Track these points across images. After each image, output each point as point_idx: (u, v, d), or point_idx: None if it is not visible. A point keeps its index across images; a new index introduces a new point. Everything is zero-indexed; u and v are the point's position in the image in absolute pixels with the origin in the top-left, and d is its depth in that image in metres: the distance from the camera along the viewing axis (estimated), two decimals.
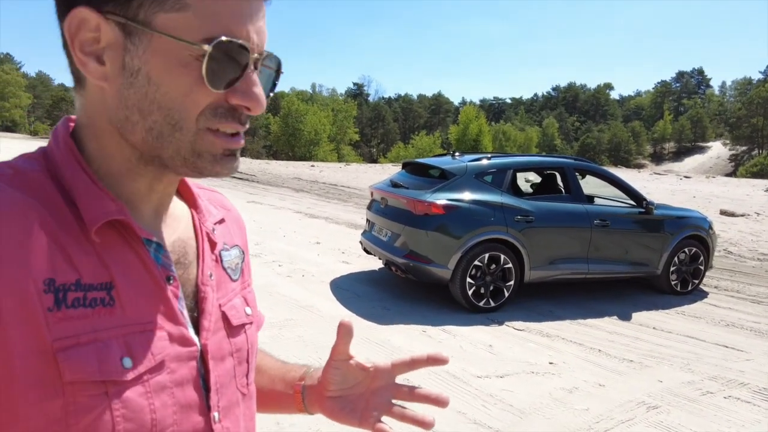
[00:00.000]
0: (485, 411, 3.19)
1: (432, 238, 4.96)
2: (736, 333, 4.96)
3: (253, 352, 0.71)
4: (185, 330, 0.59)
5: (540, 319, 5.02)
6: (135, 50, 0.52)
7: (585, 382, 3.70)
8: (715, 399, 3.56)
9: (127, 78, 0.53)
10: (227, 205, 0.79)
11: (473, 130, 44.02)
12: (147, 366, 0.54)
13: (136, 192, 0.59)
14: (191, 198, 0.70)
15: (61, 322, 0.49)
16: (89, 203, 0.54)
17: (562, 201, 5.53)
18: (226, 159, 0.56)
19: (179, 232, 0.65)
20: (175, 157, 0.55)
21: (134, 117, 0.54)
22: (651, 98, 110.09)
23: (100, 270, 0.53)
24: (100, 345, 0.51)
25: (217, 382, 0.62)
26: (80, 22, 0.52)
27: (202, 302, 0.63)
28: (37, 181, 0.54)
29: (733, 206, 14.68)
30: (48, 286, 0.49)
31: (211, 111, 0.54)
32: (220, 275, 0.68)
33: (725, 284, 6.81)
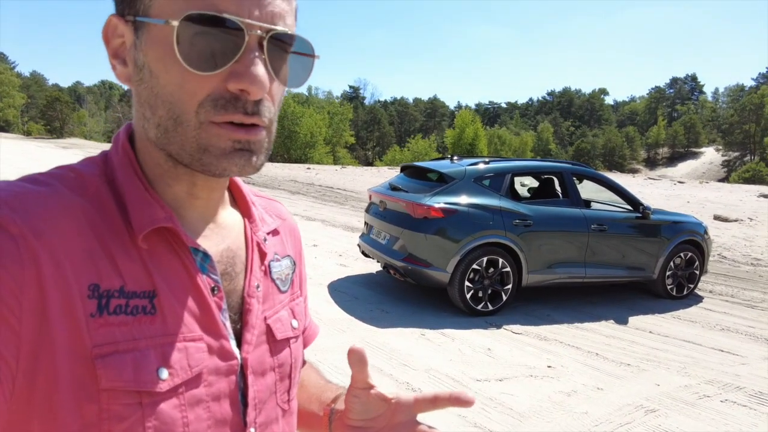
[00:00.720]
0: (485, 414, 3.20)
1: (431, 241, 4.97)
2: (732, 337, 5.00)
3: (297, 368, 0.68)
4: (226, 343, 0.57)
5: (538, 323, 5.04)
6: (141, 45, 0.52)
7: (583, 385, 3.72)
8: (713, 403, 3.59)
9: (138, 74, 0.53)
10: (283, 214, 0.77)
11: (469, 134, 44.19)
12: (183, 378, 0.53)
13: (177, 197, 0.58)
14: (245, 206, 0.68)
15: (102, 329, 0.49)
16: (139, 209, 0.54)
17: (560, 205, 5.56)
18: (236, 154, 0.52)
19: (229, 242, 0.63)
20: (181, 154, 0.52)
21: (147, 113, 0.53)
22: (645, 104, 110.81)
23: (144, 277, 0.52)
24: (138, 354, 0.50)
25: (255, 398, 0.60)
26: (111, 30, 0.54)
27: (246, 314, 0.61)
28: (94, 184, 0.54)
29: (727, 211, 14.80)
30: (92, 292, 0.49)
31: (211, 102, 0.50)
32: (268, 286, 0.66)
33: (720, 289, 6.86)
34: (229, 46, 0.49)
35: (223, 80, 0.50)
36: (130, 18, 0.52)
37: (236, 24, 0.48)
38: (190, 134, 0.51)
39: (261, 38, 0.50)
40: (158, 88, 0.51)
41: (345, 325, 4.66)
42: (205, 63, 0.49)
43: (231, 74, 0.49)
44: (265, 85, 0.50)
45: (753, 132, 75.64)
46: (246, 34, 0.49)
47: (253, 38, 0.50)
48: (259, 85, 0.50)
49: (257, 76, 0.49)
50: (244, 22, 0.48)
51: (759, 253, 9.47)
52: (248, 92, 0.50)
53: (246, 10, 0.49)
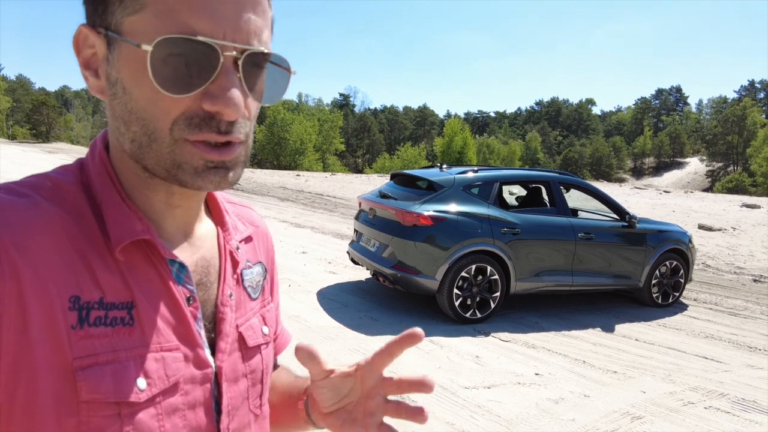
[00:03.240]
0: (473, 422, 3.22)
1: (420, 249, 5.00)
2: (715, 345, 5.07)
3: (268, 373, 0.69)
4: (201, 351, 0.58)
5: (526, 331, 5.08)
6: (113, 60, 0.51)
7: (571, 392, 3.75)
8: (697, 409, 3.64)
9: (111, 89, 0.52)
10: (256, 221, 0.77)
11: (458, 142, 44.47)
12: (161, 388, 0.53)
13: (155, 207, 0.58)
14: (219, 215, 0.68)
15: (82, 341, 0.49)
16: (116, 221, 0.54)
17: (548, 214, 5.62)
18: (209, 172, 0.52)
19: (203, 251, 0.64)
20: (156, 168, 0.52)
21: (121, 128, 0.53)
22: (631, 114, 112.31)
23: (122, 289, 0.53)
24: (118, 366, 0.50)
25: (229, 405, 0.61)
26: (82, 40, 0.53)
27: (219, 323, 0.62)
28: (71, 194, 0.54)
29: (711, 221, 15.03)
30: (73, 304, 0.49)
31: (185, 120, 0.50)
32: (240, 295, 0.67)
33: (704, 297, 6.96)
34: (203, 67, 0.48)
35: (197, 98, 0.50)
36: (102, 31, 0.51)
37: (212, 46, 0.48)
38: (165, 151, 0.51)
39: (236, 58, 0.50)
40: (132, 104, 0.51)
41: (334, 332, 4.66)
42: (179, 85, 0.48)
43: (206, 94, 0.49)
44: (240, 107, 0.50)
45: (736, 143, 77.02)
46: (221, 56, 0.48)
47: (228, 59, 0.49)
48: (234, 108, 0.49)
49: (232, 99, 0.49)
50: (218, 44, 0.48)
51: (742, 262, 9.62)
52: (223, 114, 0.50)
53: (221, 31, 0.48)
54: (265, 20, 0.53)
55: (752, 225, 14.56)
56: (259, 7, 0.52)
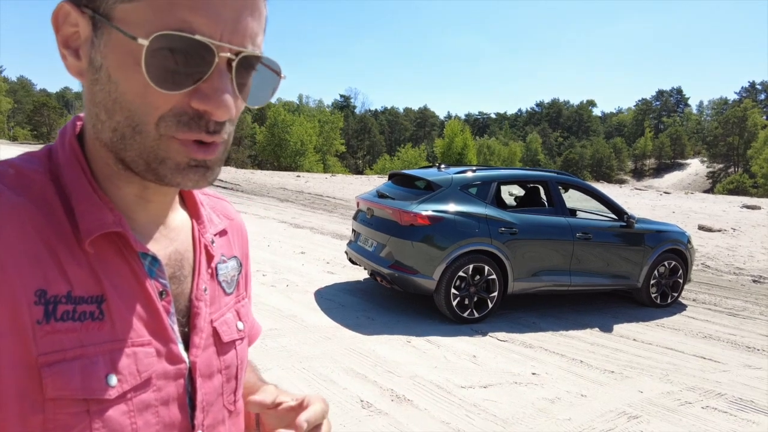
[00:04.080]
0: (469, 421, 3.21)
1: (417, 248, 4.99)
2: (714, 345, 5.06)
3: (242, 369, 0.68)
4: (175, 347, 0.57)
5: (523, 330, 5.07)
6: (98, 44, 0.49)
7: (567, 392, 3.74)
8: (693, 409, 3.62)
9: (94, 74, 0.50)
10: (231, 214, 0.76)
11: (458, 143, 44.47)
12: (132, 384, 0.52)
13: (127, 199, 0.56)
14: (194, 207, 0.67)
15: (49, 336, 0.47)
16: (87, 212, 0.52)
17: (546, 214, 5.61)
18: (191, 170, 0.51)
19: (177, 244, 0.62)
20: (137, 161, 0.51)
21: (102, 115, 0.51)
22: (632, 115, 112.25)
23: (91, 282, 0.51)
24: (86, 361, 0.49)
25: (203, 400, 0.60)
26: (63, 17, 0.51)
27: (194, 318, 0.61)
28: (37, 183, 0.52)
29: (711, 221, 15.01)
30: (39, 298, 0.47)
31: (173, 117, 0.49)
32: (215, 289, 0.65)
33: (703, 297, 6.94)
34: (198, 66, 0.48)
35: (186, 96, 0.48)
36: (88, 12, 0.49)
37: (209, 46, 0.47)
38: (148, 144, 0.50)
39: (230, 60, 0.49)
40: (117, 94, 0.49)
41: (331, 332, 4.65)
42: (171, 82, 0.47)
43: (196, 92, 0.48)
44: (231, 109, 0.49)
45: (736, 144, 76.96)
46: (216, 56, 0.48)
47: (222, 60, 0.48)
48: (225, 109, 0.49)
49: (223, 100, 0.48)
50: (215, 44, 0.47)
51: (741, 263, 9.61)
52: (213, 114, 0.49)
53: (218, 32, 0.47)
54: (260, 24, 0.52)
55: (752, 226, 14.54)
56: (257, 11, 0.51)
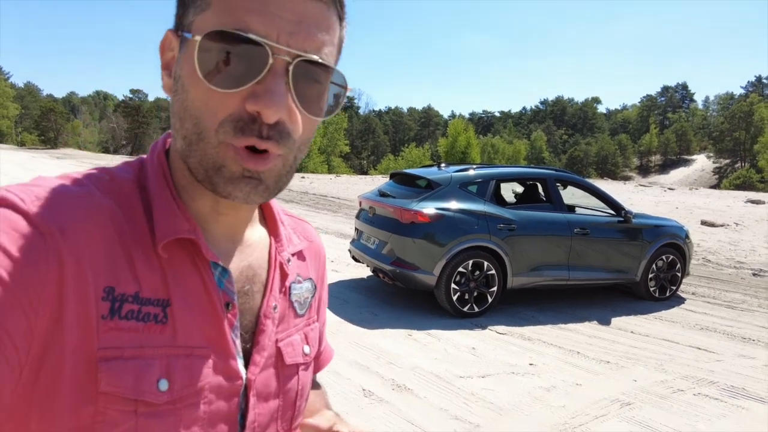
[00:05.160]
0: (466, 408, 3.35)
1: (418, 245, 5.13)
2: (710, 336, 5.17)
3: (303, 396, 0.67)
4: (234, 362, 0.57)
5: (522, 324, 5.20)
6: (180, 59, 0.53)
7: (563, 381, 3.87)
8: (686, 396, 3.74)
9: (175, 86, 0.54)
10: (311, 236, 0.76)
11: (462, 142, 44.62)
12: (183, 393, 0.52)
13: (201, 212, 0.58)
14: (274, 225, 0.68)
15: (111, 332, 0.49)
16: (164, 218, 0.54)
17: (544, 210, 5.74)
18: (243, 181, 0.52)
19: (251, 259, 0.63)
20: (198, 168, 0.53)
21: (177, 125, 0.54)
22: (637, 112, 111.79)
23: (160, 286, 0.53)
24: (141, 362, 0.50)
25: (255, 421, 0.59)
26: (166, 44, 0.56)
27: (258, 335, 0.61)
28: (125, 189, 0.55)
29: (714, 217, 15.04)
30: (107, 294, 0.49)
31: (231, 123, 0.50)
32: (285, 308, 0.65)
33: (702, 291, 7.04)
34: (252, 66, 0.48)
35: (242, 101, 0.49)
36: (179, 33, 0.54)
37: (263, 45, 0.48)
38: (209, 151, 0.51)
39: (288, 63, 0.49)
40: (187, 102, 0.52)
41: (335, 327, 4.80)
42: (225, 81, 0.49)
43: (251, 95, 0.49)
44: (281, 109, 0.49)
45: (743, 139, 76.51)
46: (270, 57, 0.48)
47: (279, 62, 0.49)
48: (274, 109, 0.49)
49: (272, 100, 0.48)
50: (270, 45, 0.48)
51: (743, 257, 9.67)
52: (262, 114, 0.49)
53: (275, 33, 0.48)
54: (329, 35, 0.52)
55: (756, 221, 14.56)
56: (324, 22, 0.52)
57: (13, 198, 0.48)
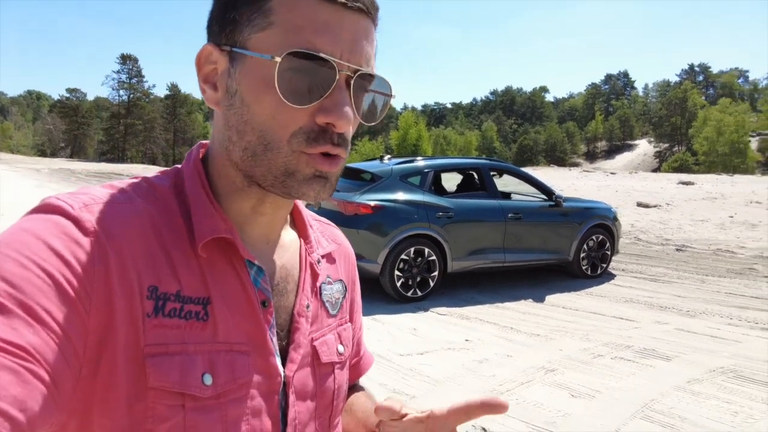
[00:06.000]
0: (404, 382, 3.63)
1: (362, 236, 5.37)
2: (633, 307, 5.65)
3: (339, 395, 0.69)
4: (273, 359, 0.59)
5: (462, 305, 5.54)
6: (234, 73, 0.56)
7: (495, 354, 4.21)
8: (604, 360, 4.14)
9: (229, 100, 0.56)
10: (339, 239, 0.79)
11: (413, 135, 45.27)
12: (226, 387, 0.54)
13: (241, 213, 0.62)
14: (303, 228, 0.71)
15: (156, 329, 0.52)
16: (202, 219, 0.57)
17: (479, 198, 6.10)
18: (315, 180, 0.56)
19: (284, 260, 0.66)
20: (266, 175, 0.56)
21: (234, 137, 0.57)
22: (583, 100, 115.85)
23: (200, 284, 0.55)
24: (186, 358, 0.52)
25: (296, 419, 0.61)
26: (205, 57, 0.58)
27: (294, 332, 0.63)
28: (164, 194, 0.59)
29: (649, 198, 16.02)
30: (151, 293, 0.52)
31: (303, 135, 0.54)
32: (318, 308, 0.68)
33: (631, 267, 7.60)
34: (321, 83, 0.53)
35: (311, 114, 0.54)
36: (227, 48, 0.56)
37: (331, 63, 0.52)
38: (280, 160, 0.55)
39: (349, 77, 0.54)
40: (249, 116, 0.55)
41: None
42: (299, 97, 0.53)
43: (320, 108, 0.54)
44: (350, 120, 0.54)
45: (679, 124, 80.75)
46: (337, 73, 0.53)
47: (342, 77, 0.54)
48: (346, 120, 0.54)
49: (345, 113, 0.53)
50: (336, 62, 0.53)
51: (670, 234, 10.42)
52: (335, 126, 0.54)
53: (339, 51, 0.53)
54: (372, 48, 0.57)
55: (684, 200, 15.61)
56: (370, 35, 0.57)
57: (63, 205, 0.52)
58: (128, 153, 66.07)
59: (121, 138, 66.02)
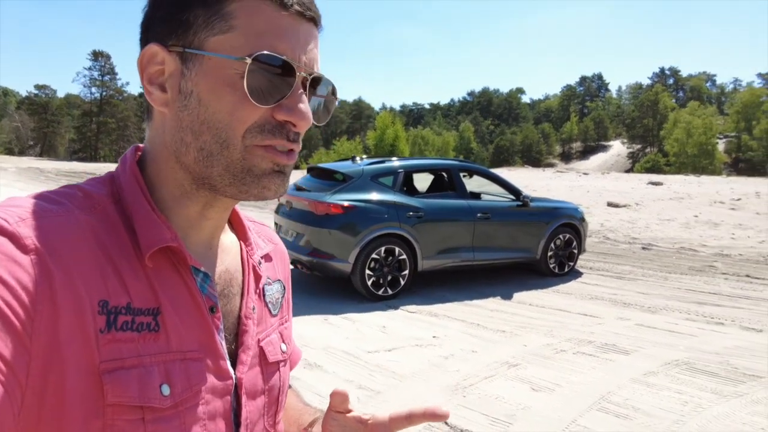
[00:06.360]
0: (371, 378, 3.70)
1: (333, 235, 5.44)
2: (597, 304, 5.82)
3: (284, 391, 0.71)
4: (223, 362, 0.60)
5: (432, 303, 5.65)
6: (189, 74, 0.56)
7: (461, 350, 4.32)
8: (566, 355, 4.28)
9: (182, 101, 0.56)
10: (274, 239, 0.81)
11: (390, 135, 45.36)
12: (184, 395, 0.55)
13: (187, 218, 0.62)
14: (242, 230, 0.71)
15: (110, 344, 0.50)
16: (146, 229, 0.56)
17: (449, 198, 6.21)
18: (274, 176, 0.57)
19: (227, 264, 0.66)
20: (224, 175, 0.56)
21: (188, 138, 0.57)
22: (558, 101, 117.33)
23: (149, 295, 0.55)
24: (143, 370, 0.52)
25: (247, 418, 0.63)
26: (150, 57, 0.58)
27: (242, 335, 0.64)
28: (102, 204, 0.57)
29: (619, 198, 16.40)
30: (101, 308, 0.51)
31: (257, 128, 0.56)
32: (262, 309, 0.69)
33: (598, 265, 7.81)
34: (283, 84, 0.55)
35: (269, 110, 0.56)
36: (177, 49, 0.56)
37: (292, 66, 0.55)
38: (236, 156, 0.56)
39: (305, 79, 0.58)
40: (207, 115, 0.55)
41: None
42: (262, 97, 0.55)
43: (280, 107, 0.56)
44: (310, 120, 0.58)
45: (651, 126, 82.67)
46: (296, 76, 0.56)
47: (300, 78, 0.57)
48: (307, 120, 0.57)
49: (306, 113, 0.57)
50: (296, 65, 0.56)
51: (637, 233, 10.72)
52: (295, 125, 0.57)
53: (297, 55, 0.56)
54: (318, 53, 0.61)
55: (653, 200, 16.03)
56: (317, 41, 0.60)
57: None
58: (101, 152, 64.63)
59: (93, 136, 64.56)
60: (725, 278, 7.01)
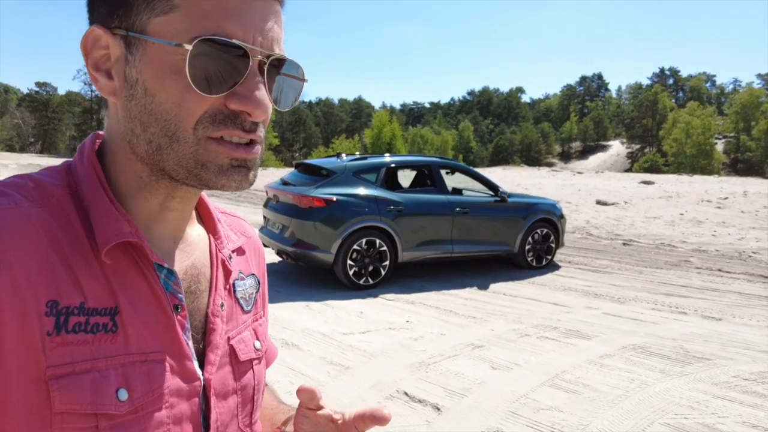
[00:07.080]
0: (342, 356, 4.00)
1: (316, 227, 5.74)
2: (569, 294, 6.10)
3: (259, 390, 0.68)
4: (189, 363, 0.57)
5: (410, 291, 5.94)
6: (133, 61, 0.51)
7: (431, 333, 4.61)
8: (530, 340, 4.57)
9: (129, 90, 0.52)
10: (248, 232, 0.76)
11: (387, 133, 45.73)
12: (144, 400, 0.51)
13: (149, 211, 0.57)
14: (211, 223, 0.67)
15: (59, 348, 0.47)
16: (104, 223, 0.52)
17: (429, 193, 6.52)
18: (233, 170, 0.52)
19: (194, 258, 0.62)
20: (177, 169, 0.52)
21: (137, 129, 0.52)
22: (558, 101, 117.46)
23: (106, 294, 0.51)
24: (97, 375, 0.48)
25: (217, 420, 0.59)
26: (93, 41, 0.52)
27: (209, 334, 0.61)
28: (56, 195, 0.52)
29: (609, 197, 16.66)
30: (50, 309, 0.47)
31: (209, 118, 0.51)
32: (232, 306, 0.65)
33: (578, 260, 8.09)
34: (234, 70, 0.50)
35: (221, 99, 0.50)
36: (120, 32, 0.51)
37: (244, 49, 0.49)
38: (188, 150, 0.51)
39: (262, 62, 0.51)
40: (153, 106, 0.50)
41: None
42: (211, 85, 0.49)
43: (233, 95, 0.50)
44: (268, 108, 0.52)
45: (650, 126, 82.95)
46: (251, 59, 0.50)
47: (255, 62, 0.51)
48: (263, 109, 0.51)
49: (261, 100, 0.51)
50: (249, 48, 0.50)
51: (621, 230, 10.98)
52: (251, 114, 0.51)
53: (251, 36, 0.50)
54: (282, 31, 0.55)
55: (642, 199, 16.29)
56: (279, 17, 0.54)
57: None
58: None
59: None
60: (698, 272, 7.27)
